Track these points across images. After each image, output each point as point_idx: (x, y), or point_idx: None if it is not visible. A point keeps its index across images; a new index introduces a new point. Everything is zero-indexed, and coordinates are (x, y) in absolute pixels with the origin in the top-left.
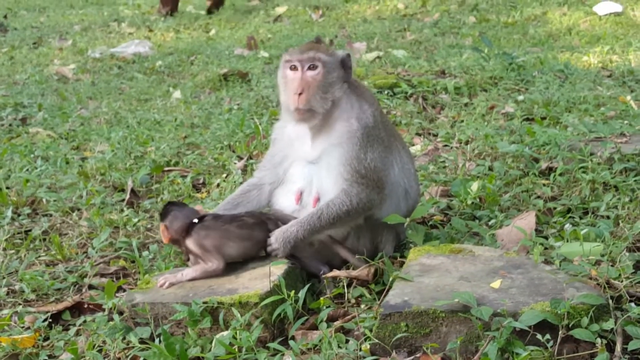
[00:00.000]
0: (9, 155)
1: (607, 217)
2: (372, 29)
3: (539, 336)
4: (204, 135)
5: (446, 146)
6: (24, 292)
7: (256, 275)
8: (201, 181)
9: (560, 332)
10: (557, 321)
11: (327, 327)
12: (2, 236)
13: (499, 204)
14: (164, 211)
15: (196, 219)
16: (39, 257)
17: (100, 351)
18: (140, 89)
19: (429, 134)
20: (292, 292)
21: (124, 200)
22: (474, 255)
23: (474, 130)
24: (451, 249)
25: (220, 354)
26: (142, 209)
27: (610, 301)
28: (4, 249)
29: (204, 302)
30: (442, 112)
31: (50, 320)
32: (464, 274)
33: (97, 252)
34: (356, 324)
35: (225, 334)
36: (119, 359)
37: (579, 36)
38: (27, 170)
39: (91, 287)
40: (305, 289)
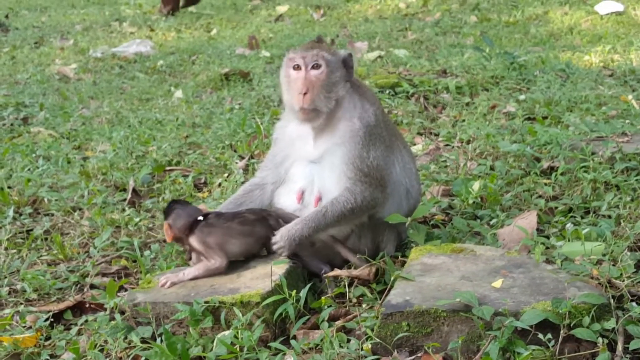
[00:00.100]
0: (11, 154)
1: (609, 217)
2: (374, 28)
3: (540, 336)
4: (205, 134)
5: (447, 145)
6: (25, 291)
7: (258, 274)
8: (203, 181)
9: (561, 331)
10: (558, 321)
11: (328, 327)
12: (4, 236)
13: (501, 204)
14: (167, 209)
15: (201, 217)
16: (41, 256)
17: (101, 351)
18: (141, 88)
19: (431, 134)
20: (294, 291)
21: (125, 199)
22: (475, 254)
23: (476, 129)
24: (452, 248)
25: (221, 353)
26: (144, 208)
27: (611, 300)
28: (6, 249)
29: (206, 302)
30: (443, 111)
31: (51, 319)
32: (466, 273)
33: (98, 252)
34: (357, 324)
35: (226, 333)
36: (120, 359)
37: (581, 35)
38: (29, 169)
39: (93, 286)
40: (306, 288)
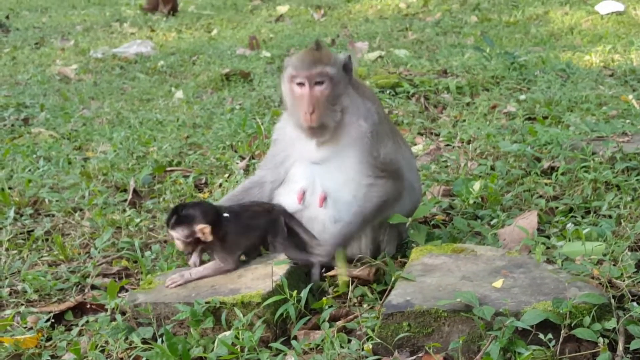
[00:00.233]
0: (12, 155)
1: (609, 217)
2: (374, 28)
3: (541, 336)
4: (206, 135)
5: (448, 146)
6: (26, 292)
7: (258, 275)
8: (203, 181)
9: (562, 331)
10: (559, 321)
11: (329, 327)
12: (5, 236)
13: (501, 204)
14: (200, 213)
15: (227, 214)
16: (42, 257)
17: (102, 351)
18: (142, 89)
19: (431, 134)
20: (295, 292)
21: (126, 200)
22: (476, 254)
23: (476, 129)
24: (453, 248)
25: (222, 354)
26: (145, 209)
27: (612, 300)
28: (7, 249)
29: (207, 302)
30: (444, 111)
31: (52, 320)
32: (466, 273)
33: (99, 253)
34: (358, 324)
35: (227, 334)
36: (121, 359)
37: (581, 35)
38: (30, 170)
39: (94, 287)
40: (307, 289)
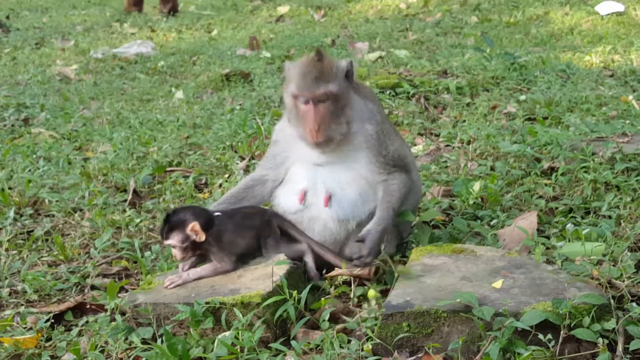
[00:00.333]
0: (12, 155)
1: (609, 217)
2: (374, 29)
3: (540, 336)
4: (206, 135)
5: (448, 146)
6: (26, 292)
7: (258, 275)
8: (203, 181)
9: (561, 332)
10: (558, 321)
11: (328, 327)
12: (5, 237)
13: (501, 204)
14: (180, 217)
15: (218, 213)
16: (41, 257)
17: (102, 352)
18: (142, 89)
19: (431, 134)
20: (294, 292)
21: (126, 200)
22: (475, 255)
23: (476, 130)
24: (453, 249)
25: (222, 354)
26: (145, 209)
27: (611, 301)
28: (7, 250)
29: (206, 303)
30: (444, 112)
31: (52, 320)
32: (466, 273)
33: (99, 253)
34: (358, 324)
35: (227, 334)
36: (121, 359)
37: (581, 36)
38: (30, 170)
39: (93, 287)
40: (307, 289)
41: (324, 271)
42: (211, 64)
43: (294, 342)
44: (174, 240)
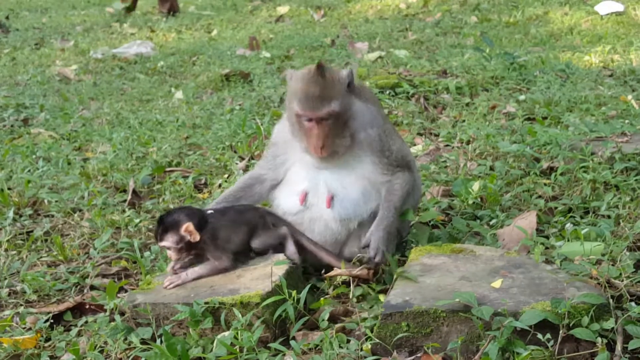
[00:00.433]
0: (11, 156)
1: (608, 217)
2: (374, 28)
3: (539, 336)
4: (205, 135)
5: (447, 146)
6: (25, 292)
7: (257, 275)
8: (203, 182)
9: (560, 331)
10: (557, 321)
11: (328, 327)
12: (4, 237)
13: (500, 204)
14: (174, 218)
15: (211, 210)
16: (41, 258)
17: (101, 352)
18: (142, 89)
19: (431, 134)
20: (294, 292)
21: (125, 200)
22: (475, 255)
23: (476, 130)
24: (452, 248)
25: (221, 354)
26: (144, 209)
27: (610, 300)
28: (6, 250)
29: (206, 303)
30: (443, 112)
31: (51, 321)
32: (465, 273)
33: (98, 253)
34: (357, 324)
35: (226, 334)
36: (120, 359)
37: (581, 36)
38: (29, 171)
39: (93, 287)
40: (306, 289)
41: (323, 271)
42: (211, 64)
43: (293, 342)
44: (169, 241)
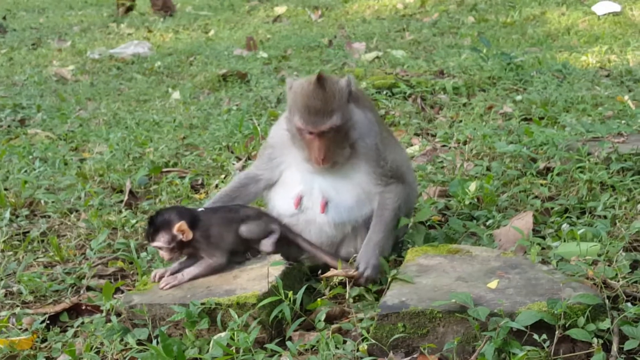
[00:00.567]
0: (8, 156)
1: (604, 217)
2: (371, 29)
3: (535, 336)
4: (202, 136)
5: (444, 146)
6: (21, 293)
7: (254, 276)
8: (200, 182)
9: (556, 332)
10: (553, 321)
11: (324, 328)
12: (0, 238)
13: (497, 204)
14: (165, 218)
15: (202, 208)
16: (37, 258)
17: (98, 353)
18: (139, 89)
19: (428, 134)
20: (290, 293)
21: (122, 201)
22: (471, 255)
23: (472, 130)
24: (449, 249)
25: (218, 355)
26: (141, 210)
27: (606, 301)
28: (2, 251)
29: (202, 303)
30: (440, 112)
31: (48, 322)
32: (462, 274)
33: (95, 254)
34: (354, 325)
35: (223, 335)
36: None
37: (578, 36)
38: (26, 171)
39: (89, 288)
40: (302, 290)
41: (320, 272)
42: (208, 65)
43: (289, 343)
44: (161, 242)
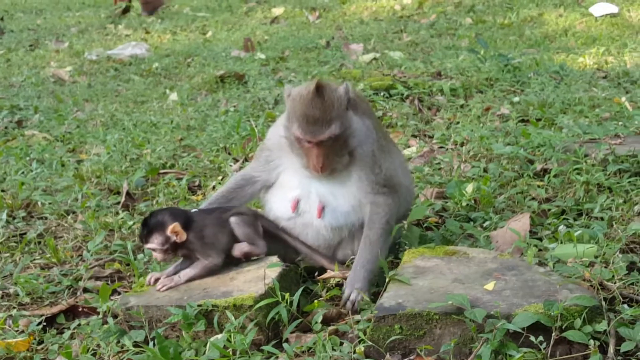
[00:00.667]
0: (5, 157)
1: (601, 219)
2: (369, 30)
3: (532, 338)
4: (200, 137)
5: (441, 148)
6: (18, 295)
7: (251, 278)
8: (197, 183)
9: (553, 333)
10: (550, 323)
11: (321, 330)
12: None
13: (494, 206)
14: (159, 220)
15: (195, 209)
16: (34, 260)
17: (94, 355)
18: (136, 91)
19: (425, 136)
20: (287, 294)
21: (119, 203)
22: (468, 257)
23: (470, 131)
24: (445, 250)
25: (214, 357)
26: (138, 211)
27: (603, 303)
28: None
29: (199, 305)
30: (437, 113)
31: (44, 323)
32: (458, 275)
33: (92, 255)
34: (350, 327)
35: (219, 336)
36: None
37: (575, 37)
38: (23, 173)
39: (86, 290)
40: (299, 291)
41: (316, 274)
42: (205, 66)
43: (286, 345)
44: (154, 243)
